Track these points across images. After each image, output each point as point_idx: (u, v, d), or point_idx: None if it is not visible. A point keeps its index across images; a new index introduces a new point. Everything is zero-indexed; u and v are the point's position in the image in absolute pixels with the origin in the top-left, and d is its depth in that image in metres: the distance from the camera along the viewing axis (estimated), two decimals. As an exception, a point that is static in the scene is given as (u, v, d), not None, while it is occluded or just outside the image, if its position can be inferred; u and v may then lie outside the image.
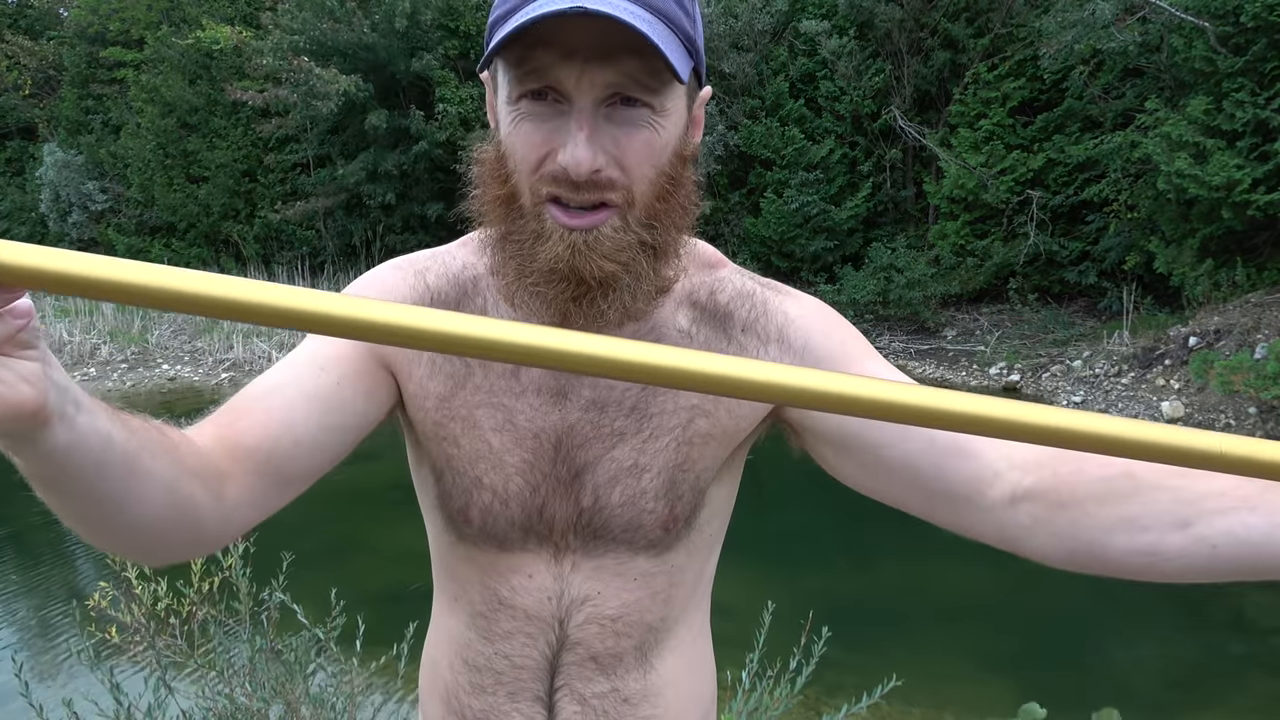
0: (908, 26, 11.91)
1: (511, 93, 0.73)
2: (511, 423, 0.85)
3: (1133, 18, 9.35)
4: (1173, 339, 8.43)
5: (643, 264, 0.77)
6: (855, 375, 0.48)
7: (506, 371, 0.85)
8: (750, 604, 2.77)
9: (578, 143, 0.70)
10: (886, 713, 3.50)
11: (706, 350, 0.80)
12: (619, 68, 0.70)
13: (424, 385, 0.87)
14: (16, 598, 4.93)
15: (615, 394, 0.85)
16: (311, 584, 2.60)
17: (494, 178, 0.78)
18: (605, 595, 0.88)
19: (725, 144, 12.62)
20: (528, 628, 0.89)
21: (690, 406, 0.85)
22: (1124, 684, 3.89)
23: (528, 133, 0.73)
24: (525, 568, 0.88)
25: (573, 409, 0.85)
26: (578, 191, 0.72)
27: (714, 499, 0.92)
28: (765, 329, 0.86)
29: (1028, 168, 10.77)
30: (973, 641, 4.31)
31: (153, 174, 16.95)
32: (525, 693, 0.90)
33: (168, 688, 2.16)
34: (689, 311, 0.87)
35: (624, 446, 0.85)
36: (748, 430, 0.88)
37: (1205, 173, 7.99)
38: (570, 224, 0.74)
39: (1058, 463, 0.74)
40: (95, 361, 11.49)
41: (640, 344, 0.48)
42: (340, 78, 13.62)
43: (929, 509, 0.82)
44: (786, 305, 0.88)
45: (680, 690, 0.94)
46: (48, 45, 20.06)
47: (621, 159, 0.73)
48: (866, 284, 11.14)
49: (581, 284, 0.75)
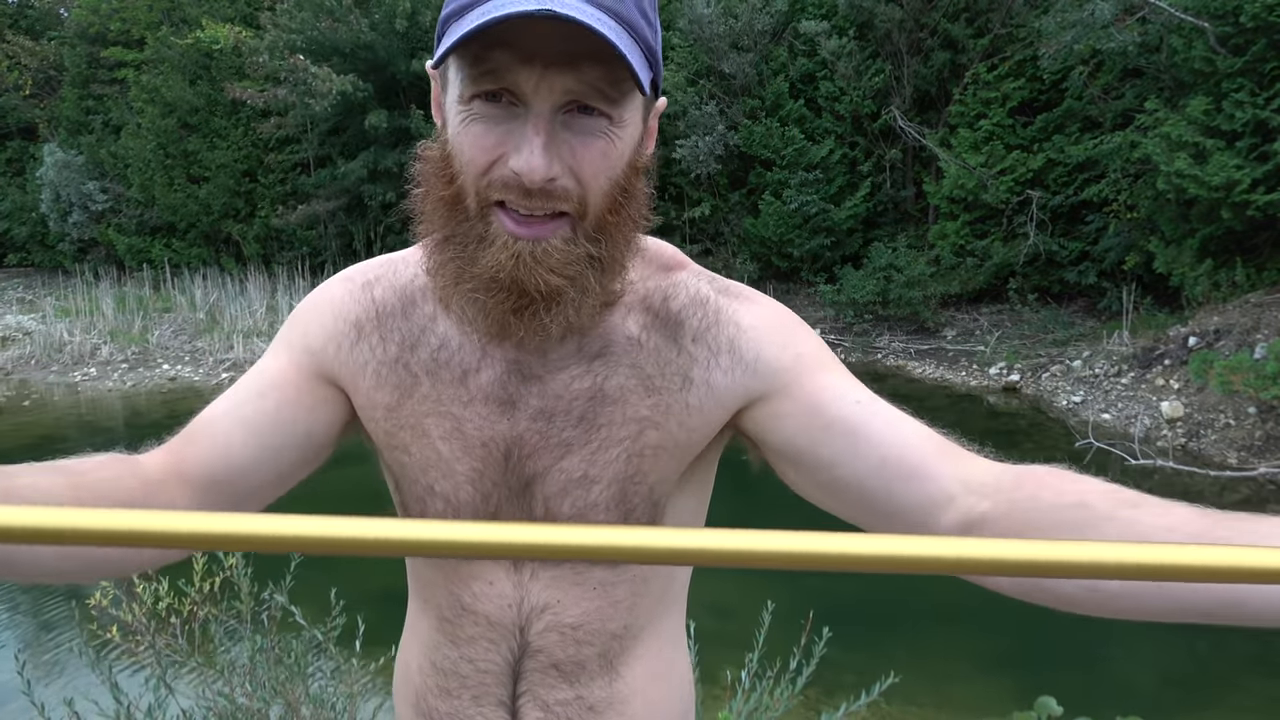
0: (907, 27, 11.92)
1: (464, 92, 0.71)
2: (460, 431, 0.84)
3: (1132, 18, 9.35)
4: (1172, 339, 8.43)
5: (589, 278, 0.75)
6: (754, 532, 0.39)
7: (454, 380, 0.84)
8: (750, 604, 2.78)
9: (534, 149, 0.68)
10: (886, 712, 3.51)
11: (655, 358, 0.82)
12: (580, 75, 0.68)
13: (371, 397, 0.87)
14: (17, 596, 4.93)
15: (563, 404, 0.82)
16: (312, 584, 2.60)
17: (439, 177, 0.75)
18: (565, 604, 0.88)
19: (725, 144, 12.63)
20: (490, 633, 0.89)
21: (640, 418, 0.82)
22: (1124, 684, 3.89)
23: (479, 134, 0.71)
24: (486, 574, 0.88)
25: (521, 418, 0.83)
26: (529, 198, 0.70)
27: (677, 510, 0.90)
28: (716, 340, 0.83)
29: (1027, 168, 10.77)
30: (973, 641, 4.31)
31: (153, 174, 16.95)
32: (489, 697, 0.90)
33: (168, 687, 2.16)
34: (641, 317, 0.84)
35: (573, 457, 0.83)
36: (702, 442, 0.85)
37: (1205, 173, 7.99)
38: (518, 232, 0.71)
39: (1014, 488, 0.70)
40: (96, 361, 11.50)
41: (557, 528, 0.39)
42: (335, 77, 13.62)
43: (885, 530, 0.77)
44: (740, 314, 0.84)
45: (648, 699, 0.92)
46: (48, 45, 20.07)
47: (577, 169, 0.71)
48: (866, 284, 11.15)
49: (524, 295, 0.73)
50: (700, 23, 12.38)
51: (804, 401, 0.80)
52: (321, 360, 0.87)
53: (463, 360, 0.84)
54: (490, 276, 0.73)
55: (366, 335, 0.87)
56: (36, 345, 11.94)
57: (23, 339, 12.54)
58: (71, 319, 13.44)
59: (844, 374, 0.83)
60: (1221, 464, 6.67)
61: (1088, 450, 6.81)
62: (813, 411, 0.79)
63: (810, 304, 12.54)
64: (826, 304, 11.79)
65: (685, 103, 12.61)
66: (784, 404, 0.81)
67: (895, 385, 9.71)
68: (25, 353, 11.78)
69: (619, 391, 0.82)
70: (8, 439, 8.12)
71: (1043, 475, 0.71)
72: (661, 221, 6.22)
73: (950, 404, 8.89)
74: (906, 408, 0.81)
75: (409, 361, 0.85)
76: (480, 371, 0.83)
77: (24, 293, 17.27)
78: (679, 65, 12.96)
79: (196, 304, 14.63)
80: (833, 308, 11.70)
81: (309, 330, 0.89)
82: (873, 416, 0.78)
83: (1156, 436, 7.29)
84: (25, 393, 10.12)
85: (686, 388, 0.83)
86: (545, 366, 0.83)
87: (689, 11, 12.43)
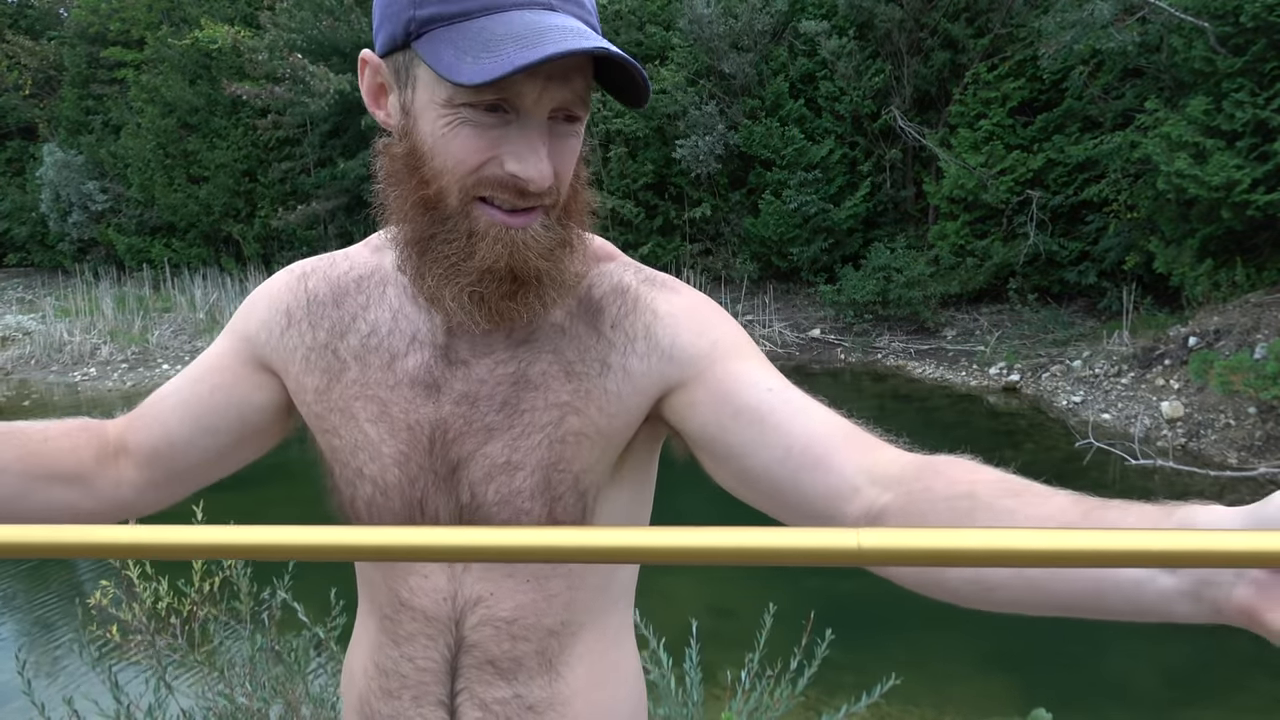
0: (908, 26, 11.92)
1: (453, 97, 0.72)
2: (387, 414, 0.86)
3: (1132, 18, 9.35)
4: (1172, 339, 8.43)
5: (564, 259, 0.79)
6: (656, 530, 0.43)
7: (382, 364, 0.86)
8: (751, 604, 2.78)
9: (540, 158, 0.73)
10: (886, 713, 3.51)
11: (577, 344, 0.84)
12: (572, 87, 0.73)
13: (301, 380, 0.90)
14: (18, 596, 4.93)
15: (486, 388, 0.84)
16: (312, 584, 2.60)
17: (413, 176, 0.76)
18: (498, 596, 0.88)
19: (725, 144, 12.63)
20: (428, 629, 0.89)
21: (561, 404, 0.84)
22: (1124, 684, 3.89)
23: (468, 137, 0.73)
24: (420, 567, 0.89)
25: (445, 402, 0.85)
26: (522, 198, 0.74)
27: (612, 503, 0.90)
28: (633, 326, 0.84)
29: (1027, 168, 10.77)
30: (973, 642, 4.31)
31: (153, 174, 16.95)
32: (428, 697, 0.90)
33: (168, 687, 2.16)
34: (566, 304, 0.86)
35: (496, 443, 0.84)
36: (625, 431, 0.86)
37: (1205, 173, 7.99)
38: (510, 222, 0.75)
39: (914, 479, 0.69)
40: (96, 361, 11.50)
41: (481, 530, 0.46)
42: (332, 76, 13.62)
43: (796, 523, 0.76)
44: (657, 302, 0.85)
45: (590, 700, 0.92)
46: (48, 45, 20.07)
47: (559, 168, 0.76)
48: (866, 284, 11.15)
49: (516, 281, 0.77)
50: (700, 23, 12.38)
51: (715, 389, 0.81)
52: (255, 346, 0.92)
53: (391, 346, 0.86)
54: (487, 268, 0.75)
55: (296, 322, 0.91)
56: (36, 345, 11.94)
57: (23, 339, 12.54)
58: (71, 319, 13.44)
59: (760, 362, 0.83)
60: (1221, 464, 6.67)
61: (1088, 450, 6.81)
62: (723, 399, 0.80)
63: (810, 304, 12.54)
64: (826, 304, 11.78)
65: (685, 103, 12.61)
66: (698, 391, 0.81)
67: (895, 385, 9.71)
68: (25, 353, 11.79)
69: (541, 377, 0.84)
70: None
71: (941, 465, 0.70)
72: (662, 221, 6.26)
73: (950, 404, 8.89)
74: (822, 397, 0.80)
75: (337, 347, 0.88)
76: (408, 356, 0.86)
77: (24, 293, 17.27)
78: (679, 65, 12.95)
79: (196, 304, 14.63)
80: (833, 308, 11.70)
81: (248, 318, 0.94)
82: (783, 404, 0.78)
83: (1156, 436, 7.29)
84: (25, 393, 10.12)
85: (605, 373, 0.84)
86: (472, 351, 0.85)
87: (689, 11, 12.43)
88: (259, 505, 5.51)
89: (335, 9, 14.08)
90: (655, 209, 13.60)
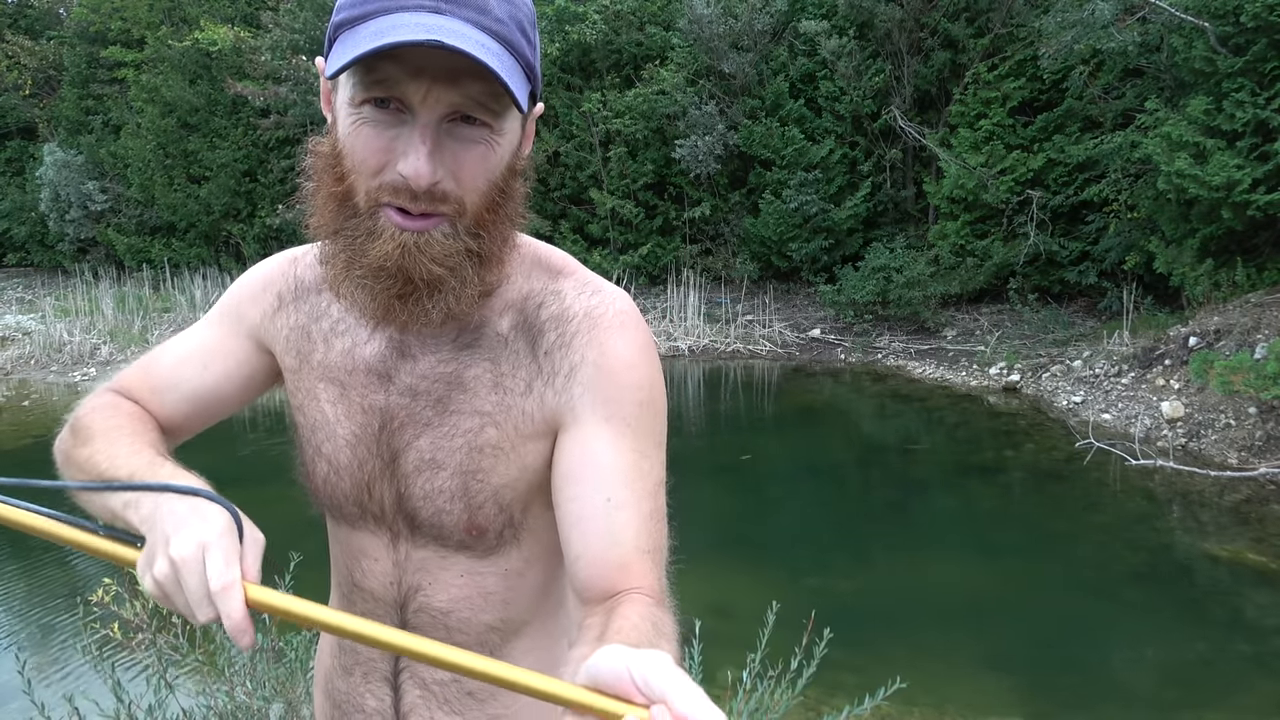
0: (908, 26, 11.91)
1: (355, 96, 0.76)
2: (345, 397, 0.92)
3: (1133, 18, 9.35)
4: (1173, 339, 8.43)
5: (468, 270, 0.81)
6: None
7: (345, 350, 0.92)
8: (752, 604, 2.78)
9: (420, 156, 0.74)
10: (887, 713, 3.50)
11: (513, 359, 0.88)
12: (463, 90, 0.74)
13: (283, 359, 0.98)
14: (19, 595, 4.93)
15: (426, 383, 0.89)
16: (313, 584, 2.59)
17: (330, 173, 0.81)
18: (434, 588, 0.92)
19: (725, 144, 12.62)
20: (377, 610, 0.95)
21: (484, 413, 0.87)
22: (1124, 684, 3.89)
23: (369, 138, 0.76)
24: (370, 550, 0.95)
25: (394, 391, 0.90)
26: (414, 201, 0.76)
27: (539, 528, 0.93)
28: (561, 361, 0.87)
29: (1028, 168, 10.77)
30: (973, 642, 4.31)
31: (153, 174, 16.94)
32: (376, 673, 0.97)
33: (169, 686, 2.16)
34: (514, 317, 0.89)
35: (426, 438, 0.89)
36: (538, 457, 0.89)
37: (1205, 173, 7.99)
38: (405, 225, 0.77)
39: (605, 612, 0.76)
40: (95, 361, 11.49)
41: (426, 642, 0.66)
42: None
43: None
44: (590, 346, 0.86)
45: None
46: (48, 45, 20.05)
47: (458, 173, 0.77)
48: (866, 284, 11.14)
49: (409, 283, 0.79)
50: (700, 23, 12.37)
51: (577, 449, 0.85)
52: (250, 325, 1.00)
53: (355, 333, 0.92)
54: (379, 265, 0.79)
55: (285, 305, 0.98)
56: (36, 345, 11.93)
57: (22, 339, 12.53)
58: (71, 319, 13.43)
59: (634, 446, 0.85)
60: (1222, 464, 6.67)
61: (1088, 450, 6.81)
62: (575, 463, 0.84)
63: (810, 304, 12.54)
64: (826, 304, 11.78)
65: (685, 103, 12.61)
66: (569, 438, 0.86)
67: (895, 385, 9.71)
68: (25, 352, 11.78)
69: (474, 382, 0.88)
70: (8, 439, 8.12)
71: (623, 608, 0.76)
72: (661, 221, 6.27)
73: (950, 404, 8.89)
74: (666, 503, 0.87)
75: (311, 331, 0.95)
76: (368, 344, 0.91)
77: (24, 293, 17.26)
78: (679, 65, 12.95)
79: (196, 304, 14.62)
80: (833, 308, 11.69)
81: (243, 298, 1.02)
82: (602, 506, 0.82)
83: (1157, 436, 7.29)
84: (25, 392, 10.12)
85: (527, 395, 0.87)
86: (421, 347, 0.89)
87: (689, 11, 12.42)
88: (262, 501, 5.49)
89: (336, 9, 14.06)
90: (655, 209, 13.59)
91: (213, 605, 0.68)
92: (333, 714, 1.01)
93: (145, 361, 1.03)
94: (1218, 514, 5.86)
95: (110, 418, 0.92)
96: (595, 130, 13.44)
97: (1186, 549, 5.37)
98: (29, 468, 7.33)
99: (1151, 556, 5.26)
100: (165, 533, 0.70)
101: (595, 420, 0.84)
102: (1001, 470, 6.94)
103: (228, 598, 0.67)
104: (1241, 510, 5.87)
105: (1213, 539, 5.45)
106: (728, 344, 11.59)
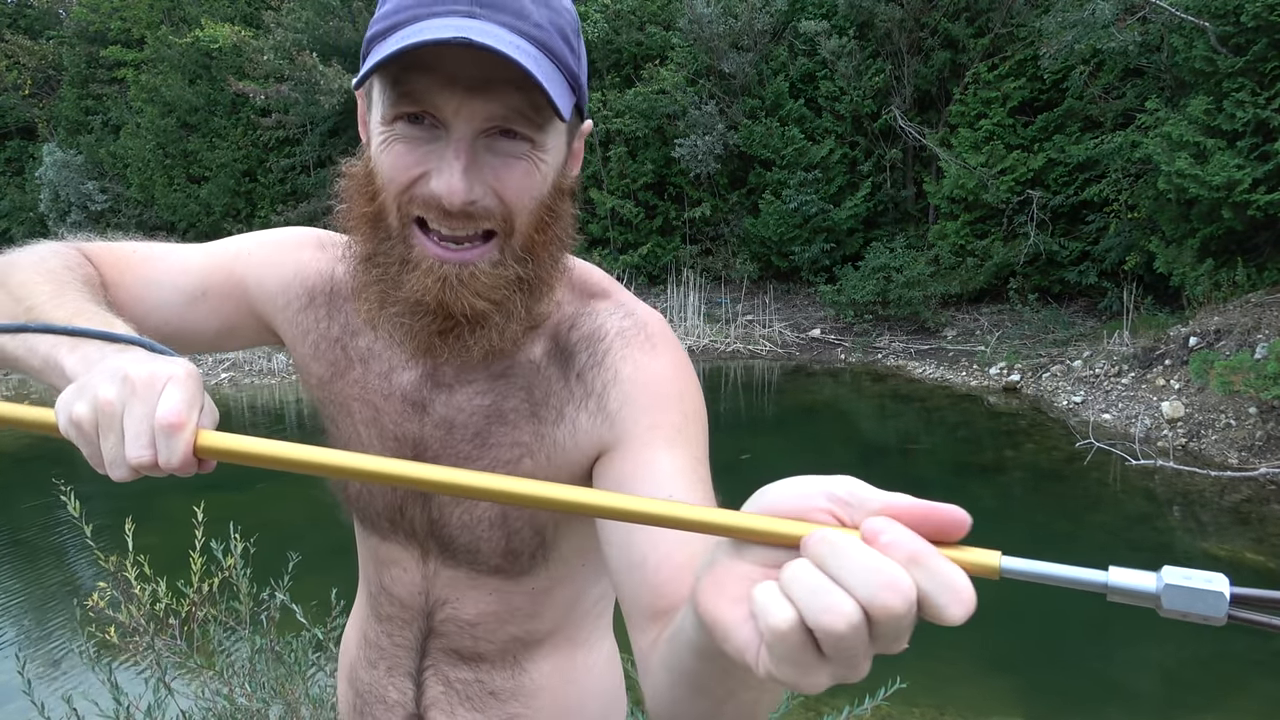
0: (908, 26, 11.91)
1: (386, 113, 0.72)
2: (378, 421, 0.88)
3: (1133, 18, 9.34)
4: (1173, 339, 8.43)
5: (516, 301, 0.76)
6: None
7: (382, 373, 0.88)
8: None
9: (454, 172, 0.69)
10: (887, 713, 3.50)
11: (546, 386, 0.84)
12: (501, 100, 0.69)
13: (307, 364, 0.92)
14: (18, 597, 4.93)
15: (463, 416, 0.85)
16: (312, 584, 2.60)
17: (361, 194, 0.77)
18: (463, 602, 0.92)
19: (725, 144, 12.62)
20: (403, 613, 0.95)
21: (522, 444, 0.84)
22: (1124, 684, 3.88)
23: (400, 154, 0.72)
24: (400, 561, 0.94)
25: (428, 422, 0.86)
26: (449, 219, 0.72)
27: (577, 540, 0.90)
28: (593, 382, 0.82)
29: (1028, 168, 10.77)
30: (973, 642, 4.30)
31: (153, 174, 16.94)
32: (400, 668, 0.97)
33: (167, 688, 2.16)
34: (547, 343, 0.84)
35: None
36: (576, 481, 0.84)
37: (1205, 173, 7.98)
38: (444, 256, 0.72)
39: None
40: (95, 361, 11.50)
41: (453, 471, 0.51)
42: (344, 75, 13.65)
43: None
44: (624, 362, 0.81)
45: (557, 698, 0.95)
46: (47, 45, 20.04)
47: (501, 190, 0.72)
48: (866, 284, 11.14)
49: (449, 319, 0.74)
50: (700, 22, 12.37)
51: (626, 470, 0.78)
52: (260, 303, 0.92)
53: (391, 356, 0.88)
54: (416, 300, 0.74)
55: (316, 306, 0.91)
56: (36, 345, 11.92)
57: (23, 339, 12.53)
58: (71, 319, 13.43)
59: (686, 455, 0.77)
60: (1222, 464, 6.67)
61: (1088, 450, 6.80)
62: (622, 484, 0.77)
63: (810, 304, 12.53)
64: (826, 304, 11.78)
65: (685, 103, 12.61)
66: (614, 462, 0.79)
67: (895, 385, 9.71)
68: (25, 352, 11.77)
69: (513, 414, 0.84)
70: (7, 438, 8.11)
71: None
72: (661, 221, 6.25)
73: (951, 404, 8.88)
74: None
75: (347, 345, 0.90)
76: (404, 371, 0.87)
77: (24, 292, 17.25)
78: (679, 65, 12.95)
79: (196, 304, 14.62)
80: (833, 308, 11.69)
81: (268, 272, 0.93)
82: (666, 499, 0.77)
83: (1157, 436, 7.29)
84: (25, 392, 10.12)
85: (559, 422, 0.83)
86: (456, 378, 0.85)
87: (689, 11, 12.42)
88: (260, 502, 5.51)
89: (339, 10, 14.07)
90: (655, 209, 13.59)
91: (150, 445, 0.56)
92: (355, 702, 1.02)
93: (124, 253, 0.91)
94: (1218, 514, 5.86)
95: (66, 269, 0.81)
96: (595, 130, 13.44)
97: (1186, 549, 5.37)
98: (29, 467, 7.33)
99: (1152, 556, 5.25)
100: (118, 365, 0.60)
101: (642, 430, 0.79)
102: (1001, 470, 6.93)
103: (174, 436, 0.56)
104: (1241, 510, 5.87)
105: (1213, 539, 5.45)
106: (728, 344, 11.59)
